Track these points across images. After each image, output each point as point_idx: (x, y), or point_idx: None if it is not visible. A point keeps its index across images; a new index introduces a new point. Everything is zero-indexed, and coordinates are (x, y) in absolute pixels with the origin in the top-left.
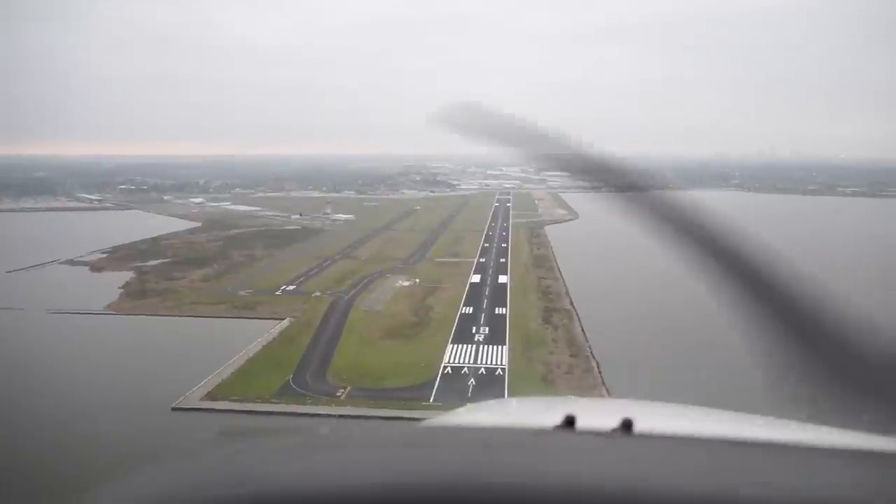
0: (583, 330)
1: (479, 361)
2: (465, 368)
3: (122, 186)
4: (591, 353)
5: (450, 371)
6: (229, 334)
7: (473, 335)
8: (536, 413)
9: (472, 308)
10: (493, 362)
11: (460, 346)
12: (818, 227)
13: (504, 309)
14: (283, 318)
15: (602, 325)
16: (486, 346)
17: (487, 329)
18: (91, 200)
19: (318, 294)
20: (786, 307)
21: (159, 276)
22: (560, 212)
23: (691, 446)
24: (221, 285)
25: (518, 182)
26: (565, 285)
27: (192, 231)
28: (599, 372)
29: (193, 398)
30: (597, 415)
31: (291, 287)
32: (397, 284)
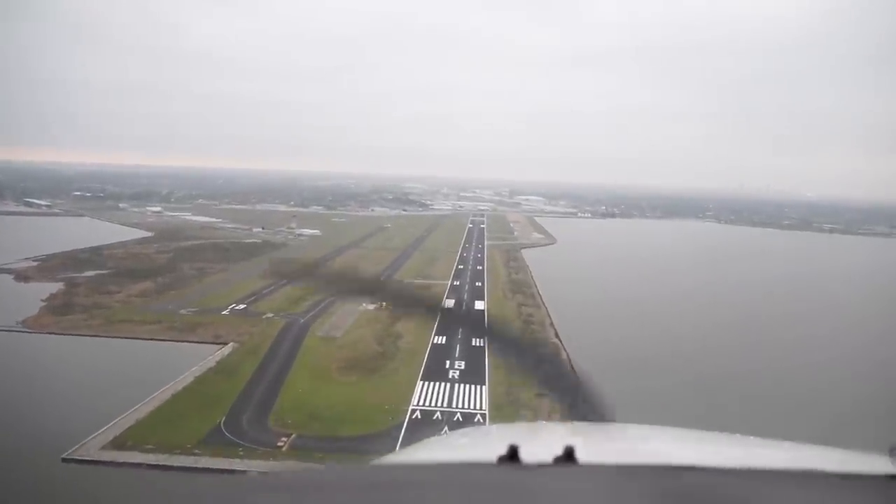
0: (572, 367)
1: (454, 404)
2: (438, 413)
3: (77, 193)
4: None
5: (419, 415)
6: (158, 361)
7: (447, 371)
8: (481, 444)
9: (445, 338)
10: (471, 405)
11: (432, 384)
12: (819, 265)
13: (482, 340)
14: (226, 343)
15: (592, 358)
16: (461, 386)
17: (463, 364)
18: (40, 206)
19: (270, 315)
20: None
21: (92, 289)
22: (536, 235)
23: (633, 473)
24: (161, 301)
25: (492, 205)
26: (548, 314)
27: (141, 241)
28: None
29: (93, 446)
30: (541, 443)
31: (241, 306)
32: (361, 307)
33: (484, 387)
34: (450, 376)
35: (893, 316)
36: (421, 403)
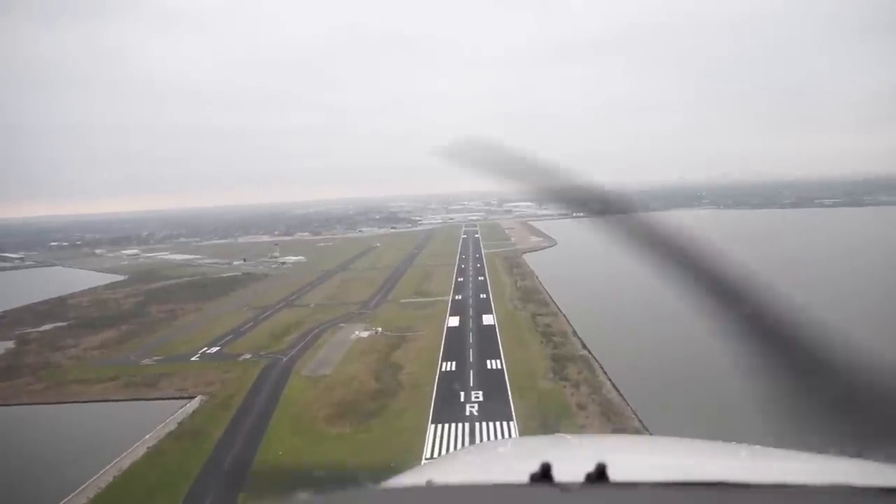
0: (613, 384)
1: None
2: None
3: (54, 244)
4: (640, 420)
5: None
6: (105, 429)
7: (463, 406)
8: (510, 460)
9: (454, 363)
10: None
11: (446, 426)
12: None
13: (498, 362)
14: (193, 397)
15: (634, 370)
16: (483, 424)
17: (481, 395)
18: (13, 259)
19: (247, 357)
20: (766, 326)
21: (44, 346)
22: (535, 239)
23: (665, 493)
24: (123, 352)
25: (482, 214)
26: (568, 322)
27: (112, 286)
28: None
29: None
30: (572, 457)
31: (214, 349)
32: (353, 336)
33: (512, 423)
34: (467, 413)
35: None
36: (437, 456)
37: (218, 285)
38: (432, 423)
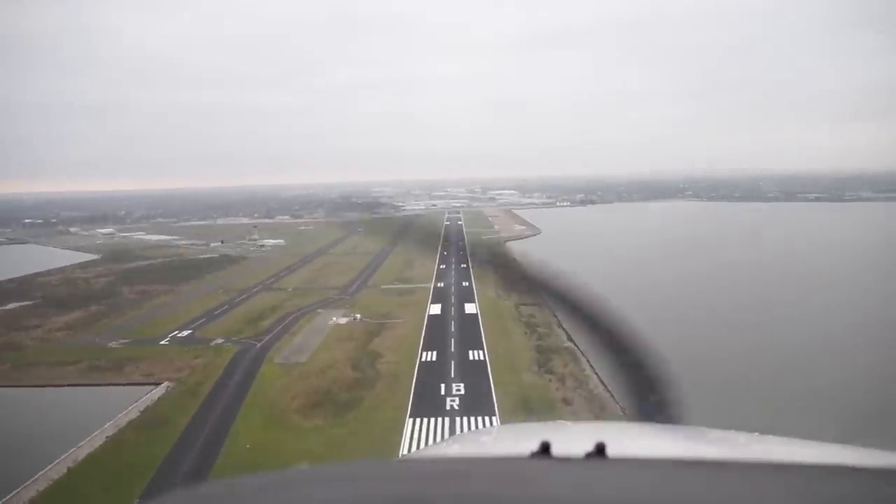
0: (599, 378)
1: None
2: None
3: (28, 221)
4: (625, 414)
5: None
6: (64, 417)
7: (444, 399)
8: (511, 441)
9: (435, 353)
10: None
11: (425, 420)
12: (840, 233)
13: (481, 352)
14: (159, 384)
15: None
16: (465, 420)
17: (462, 387)
18: None
19: (219, 342)
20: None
21: (7, 325)
22: (519, 227)
23: (665, 468)
24: (90, 334)
25: (465, 201)
26: (554, 314)
27: (84, 265)
28: None
29: None
30: (571, 440)
31: (185, 333)
32: (331, 322)
33: (494, 418)
34: (448, 406)
35: None
36: (415, 451)
37: (193, 267)
38: (410, 416)
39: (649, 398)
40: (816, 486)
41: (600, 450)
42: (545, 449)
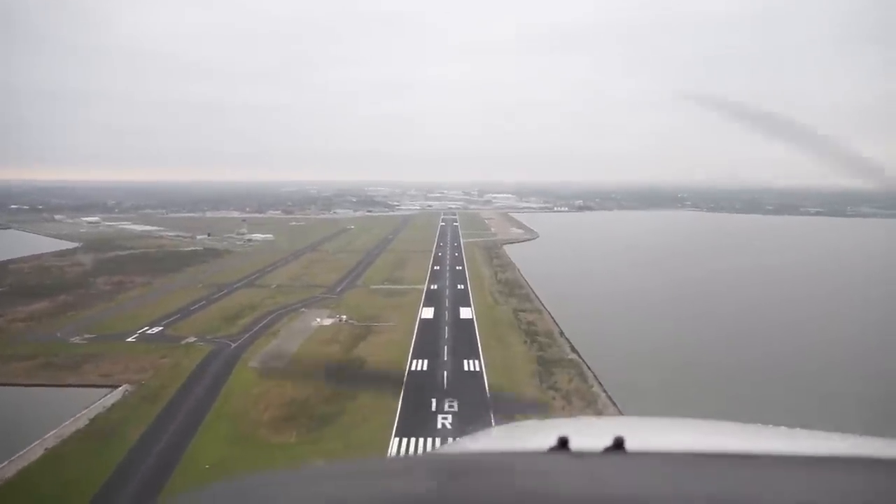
0: (608, 395)
1: None
2: None
3: (14, 207)
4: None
5: None
6: (3, 422)
7: (434, 416)
8: (530, 437)
9: (426, 361)
10: None
11: (412, 441)
12: (842, 247)
13: (477, 363)
14: (117, 387)
15: (626, 383)
16: (458, 441)
17: (456, 404)
18: None
19: (191, 340)
20: None
21: None
22: (516, 231)
23: (683, 461)
24: (52, 327)
25: (461, 203)
26: (553, 320)
27: (62, 253)
28: None
29: None
30: (589, 435)
31: (156, 329)
32: (314, 324)
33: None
34: (439, 425)
35: None
36: None
37: (175, 259)
38: (396, 436)
39: None
40: (839, 478)
41: (619, 444)
42: (564, 444)
